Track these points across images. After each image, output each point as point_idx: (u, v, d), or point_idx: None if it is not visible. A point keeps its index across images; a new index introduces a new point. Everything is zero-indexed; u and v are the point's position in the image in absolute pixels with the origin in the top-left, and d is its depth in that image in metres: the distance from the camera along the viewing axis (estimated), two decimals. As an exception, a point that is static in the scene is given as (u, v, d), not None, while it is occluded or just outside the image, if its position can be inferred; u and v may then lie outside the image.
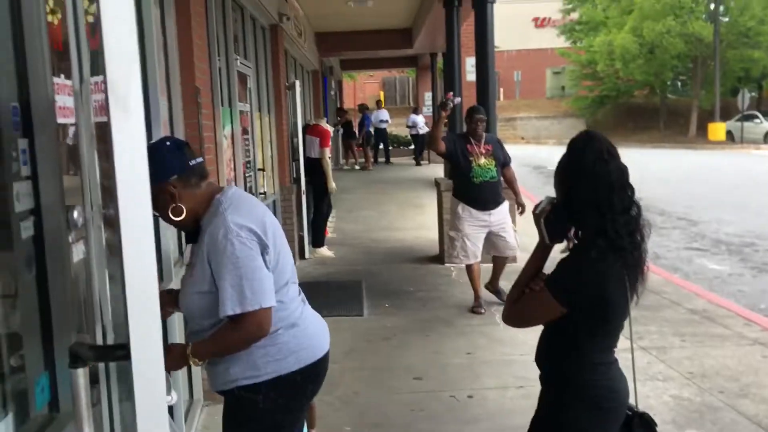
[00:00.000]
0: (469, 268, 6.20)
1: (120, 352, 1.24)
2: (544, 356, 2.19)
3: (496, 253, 6.22)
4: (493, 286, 6.29)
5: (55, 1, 1.93)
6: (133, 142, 1.01)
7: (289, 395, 2.21)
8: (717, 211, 11.73)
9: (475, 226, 6.05)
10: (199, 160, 2.22)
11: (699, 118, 30.51)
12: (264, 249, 2.10)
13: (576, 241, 2.09)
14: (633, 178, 2.16)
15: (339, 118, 19.83)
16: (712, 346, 5.01)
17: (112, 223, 1.52)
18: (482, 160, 5.97)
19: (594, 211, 2.00)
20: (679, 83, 37.74)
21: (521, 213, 6.16)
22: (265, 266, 2.10)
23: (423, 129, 20.25)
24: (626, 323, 2.15)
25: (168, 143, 2.19)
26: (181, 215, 2.11)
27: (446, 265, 7.78)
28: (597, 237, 2.00)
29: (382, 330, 5.60)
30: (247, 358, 2.15)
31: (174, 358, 2.11)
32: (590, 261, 1.99)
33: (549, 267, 2.15)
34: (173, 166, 2.12)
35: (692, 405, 4.04)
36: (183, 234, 3.91)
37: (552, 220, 2.08)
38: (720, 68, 28.92)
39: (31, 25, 1.77)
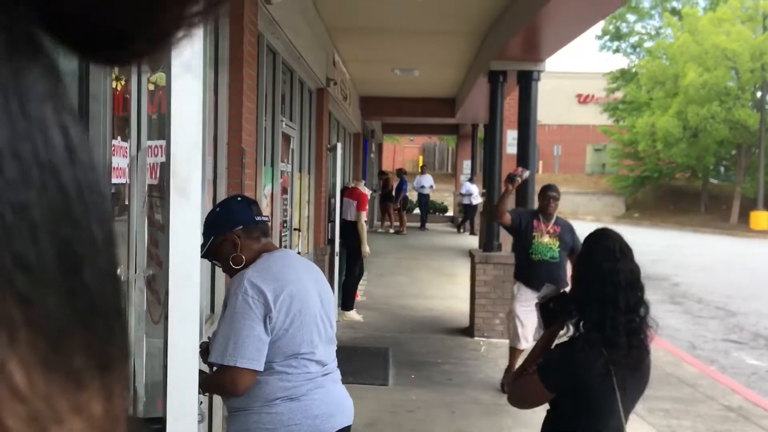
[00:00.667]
0: (512, 349, 5.93)
1: (156, 426, 1.24)
2: None
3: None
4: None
5: (120, 69, 2.03)
6: (189, 226, 1.04)
7: None
8: (757, 303, 11.40)
9: (526, 307, 5.55)
10: (265, 218, 2.42)
11: (741, 204, 30.02)
12: (267, 314, 2.16)
13: (575, 330, 2.17)
14: (671, 263, 2.17)
15: (380, 180, 20.08)
16: (749, 449, 4.80)
17: (152, 287, 1.55)
18: (545, 239, 5.67)
19: (597, 305, 2.08)
20: (722, 168, 37.37)
21: None
22: (264, 331, 2.14)
23: (477, 199, 20.05)
24: (622, 420, 2.17)
25: (239, 198, 2.43)
26: (240, 264, 2.28)
27: (476, 338, 7.67)
28: (592, 330, 2.08)
29: (406, 402, 5.49)
30: (243, 420, 2.22)
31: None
32: (574, 351, 2.10)
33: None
34: (240, 218, 2.32)
35: None
36: (215, 290, 3.96)
37: (550, 308, 2.25)
38: (765, 156, 28.62)
39: (98, 89, 1.85)
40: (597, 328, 2.07)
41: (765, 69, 28.09)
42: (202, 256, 2.35)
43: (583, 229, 4.67)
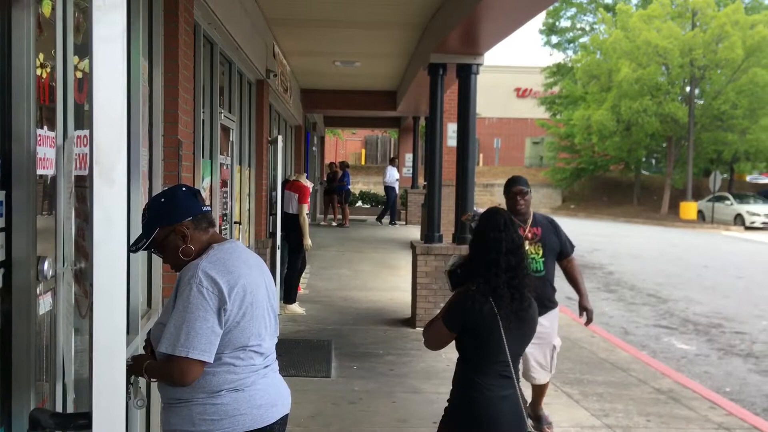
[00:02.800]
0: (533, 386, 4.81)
1: (81, 421, 1.21)
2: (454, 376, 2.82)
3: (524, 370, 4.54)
4: (532, 409, 4.70)
5: (45, 56, 1.95)
6: (114, 213, 1.01)
7: None
8: (686, 290, 11.89)
9: None
10: (209, 207, 2.40)
11: (671, 196, 31.21)
12: (222, 306, 2.16)
13: (470, 286, 2.70)
14: (607, 253, 2.42)
15: (330, 172, 20.00)
16: (677, 429, 5.01)
17: (80, 280, 1.51)
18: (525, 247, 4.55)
19: (485, 266, 2.65)
20: (653, 161, 38.70)
21: (587, 322, 4.70)
22: (218, 323, 2.14)
23: (395, 183, 20.25)
24: (507, 354, 2.66)
25: (184, 189, 2.38)
26: (190, 256, 2.26)
27: (418, 329, 7.74)
28: (481, 284, 2.65)
29: (349, 393, 5.51)
30: (186, 412, 2.20)
31: (137, 364, 2.26)
32: (467, 298, 2.64)
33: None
34: (188, 209, 2.30)
35: (656, 489, 4.01)
36: (152, 284, 3.88)
37: (458, 274, 2.77)
38: (693, 149, 29.78)
39: (21, 78, 1.79)
40: (485, 283, 2.64)
41: (693, 64, 29.19)
42: (145, 248, 2.31)
43: (520, 220, 4.73)
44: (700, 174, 33.67)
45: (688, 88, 30.47)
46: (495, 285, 2.62)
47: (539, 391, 4.76)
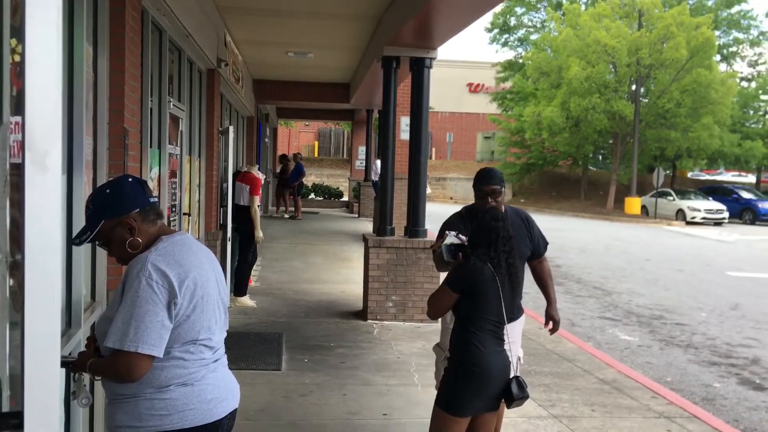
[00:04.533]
0: None
1: (13, 420, 1.16)
2: (452, 336, 3.25)
3: None
4: None
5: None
6: (47, 202, 0.98)
7: None
8: (630, 283, 12.22)
9: None
10: (156, 198, 2.34)
11: (617, 191, 31.99)
12: (172, 300, 2.12)
13: (464, 259, 3.26)
14: (555, 246, 2.54)
15: (281, 164, 19.80)
16: (620, 418, 5.14)
17: (15, 273, 1.45)
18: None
19: (486, 246, 3.18)
20: (600, 157, 39.58)
21: (552, 331, 4.27)
22: (167, 317, 2.10)
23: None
24: (503, 310, 3.15)
25: (130, 180, 2.32)
26: (137, 249, 2.21)
27: (369, 321, 7.76)
28: (482, 256, 3.16)
29: (299, 386, 5.49)
30: (132, 407, 2.15)
31: (81, 361, 2.23)
32: (469, 263, 3.18)
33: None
34: (135, 200, 2.24)
35: (599, 476, 4.11)
36: (96, 277, 3.78)
37: (453, 250, 3.32)
38: (638, 146, 30.57)
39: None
40: (485, 256, 3.16)
41: (640, 63, 29.91)
42: (90, 240, 2.24)
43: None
44: (645, 170, 34.60)
45: (634, 87, 31.23)
46: (494, 257, 3.15)
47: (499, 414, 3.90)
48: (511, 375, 3.18)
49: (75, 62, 3.27)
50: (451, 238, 3.35)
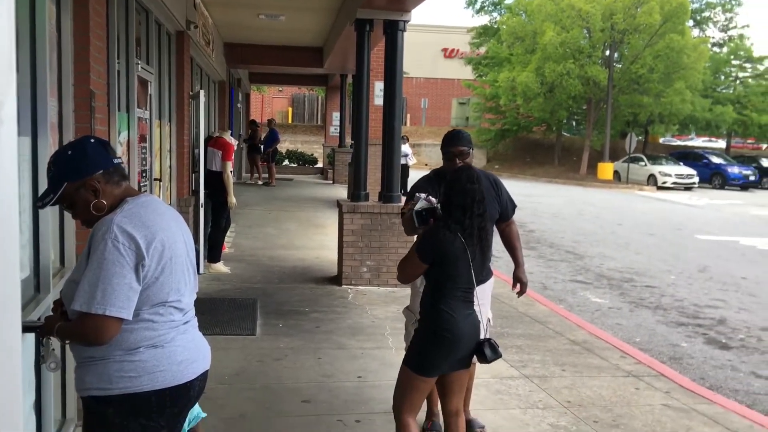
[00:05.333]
0: None
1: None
2: (422, 300, 3.25)
3: None
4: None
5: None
6: (3, 157, 0.94)
7: (143, 414, 2.17)
8: (602, 247, 12.39)
9: None
10: (120, 159, 2.29)
11: (590, 157, 32.27)
12: (139, 262, 2.09)
13: (435, 224, 3.17)
14: (528, 212, 2.45)
15: (249, 130, 19.54)
16: (590, 377, 5.26)
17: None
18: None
19: (461, 210, 3.11)
20: (574, 122, 39.80)
21: (519, 293, 4.36)
22: (135, 279, 2.08)
23: (412, 159, 19.47)
24: (473, 278, 3.13)
25: (92, 140, 2.27)
26: (102, 211, 2.17)
27: (344, 286, 7.78)
28: (455, 223, 3.09)
29: (274, 350, 5.51)
30: (102, 370, 2.14)
31: (48, 325, 2.20)
32: (438, 233, 3.09)
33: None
34: (98, 161, 2.20)
35: (569, 433, 4.21)
36: (64, 241, 3.72)
37: (423, 215, 3.21)
38: (611, 111, 30.77)
39: None
40: (458, 223, 3.09)
41: (614, 28, 29.95)
42: (53, 203, 2.20)
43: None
44: (617, 136, 34.89)
45: (608, 52, 31.29)
46: (467, 226, 3.09)
47: (468, 382, 4.07)
48: (482, 337, 3.20)
49: (37, 20, 3.17)
50: (421, 201, 3.25)
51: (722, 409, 4.72)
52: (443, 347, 3.08)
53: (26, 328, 2.31)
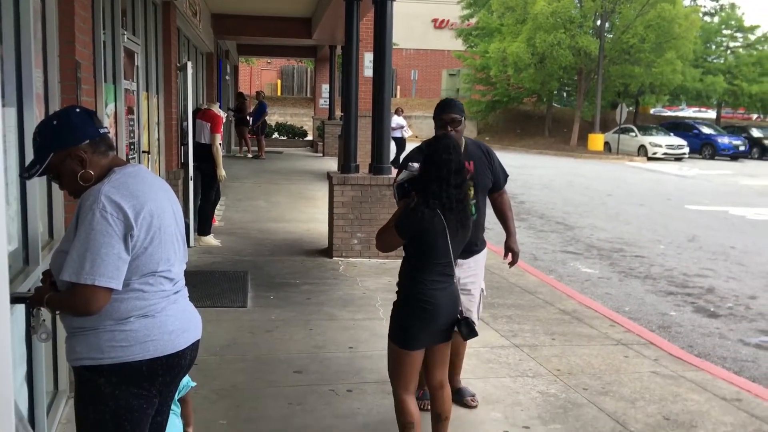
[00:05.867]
0: None
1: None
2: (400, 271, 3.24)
3: None
4: (451, 383, 3.71)
5: None
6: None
7: (134, 383, 2.17)
8: (592, 218, 12.45)
9: None
10: (107, 129, 2.26)
11: (580, 128, 32.24)
12: (128, 232, 2.08)
13: (419, 200, 3.06)
14: (519, 183, 2.48)
15: (237, 102, 19.37)
16: (579, 345, 5.31)
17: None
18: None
19: (437, 183, 3.02)
20: (565, 93, 39.68)
21: (511, 263, 4.42)
22: (124, 249, 2.07)
23: (408, 132, 19.30)
24: (451, 256, 3.09)
25: (77, 110, 2.24)
26: (89, 181, 2.15)
27: (335, 258, 7.79)
28: (431, 199, 3.02)
29: (265, 322, 5.52)
30: (93, 340, 2.13)
31: (37, 296, 2.21)
32: (418, 210, 3.02)
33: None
34: (85, 131, 2.18)
35: (558, 401, 4.27)
36: (53, 213, 3.70)
37: (405, 187, 3.14)
38: (602, 82, 30.68)
39: None
40: (435, 198, 3.02)
41: (605, -2, 29.75)
42: (40, 174, 2.18)
43: (435, 147, 4.68)
44: (608, 107, 34.84)
45: (599, 22, 31.09)
46: (445, 199, 3.02)
47: (459, 351, 4.14)
48: (461, 312, 3.17)
49: (19, -11, 3.11)
50: (404, 173, 3.18)
51: (710, 376, 4.78)
52: (422, 318, 3.07)
53: (16, 299, 2.30)
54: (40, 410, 3.19)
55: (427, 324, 3.09)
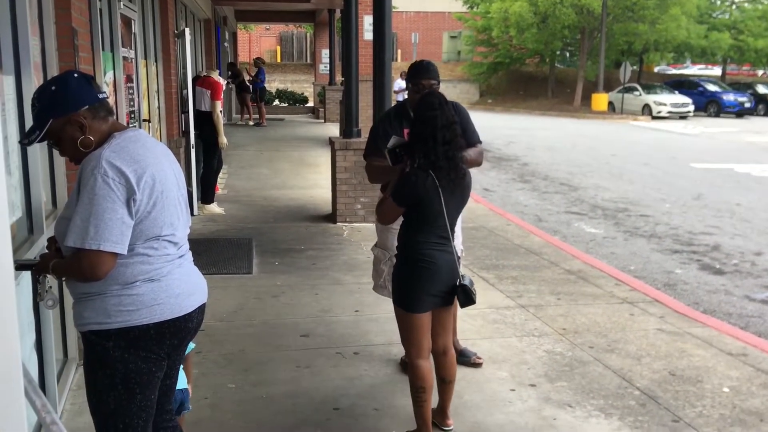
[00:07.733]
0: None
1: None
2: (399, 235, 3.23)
3: None
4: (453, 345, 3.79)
5: None
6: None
7: (142, 347, 2.18)
8: (596, 178, 12.39)
9: None
10: (106, 93, 2.24)
11: (584, 88, 31.89)
12: (130, 196, 2.07)
13: (412, 165, 3.04)
14: (522, 145, 2.39)
15: (230, 73, 19.19)
16: (585, 304, 5.33)
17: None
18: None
19: (424, 141, 2.99)
20: (568, 54, 39.17)
21: None
22: (127, 213, 2.06)
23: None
24: (446, 218, 3.07)
25: (75, 75, 2.21)
26: (90, 147, 2.14)
27: (339, 224, 7.80)
28: (422, 160, 2.99)
29: (271, 288, 5.55)
30: (100, 304, 2.14)
31: (43, 263, 2.21)
32: (411, 176, 3.01)
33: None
34: (84, 97, 2.16)
35: (564, 359, 4.29)
36: (55, 182, 3.69)
37: (397, 153, 3.09)
38: (605, 41, 30.25)
39: None
40: (425, 158, 2.99)
41: (608, -46, 29.16)
42: (39, 140, 2.16)
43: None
44: (612, 66, 34.42)
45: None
46: (434, 158, 2.97)
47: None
48: (461, 278, 3.16)
49: (10, -46, 3.04)
50: (394, 139, 3.14)
51: (716, 332, 4.80)
52: (425, 279, 3.07)
53: (21, 266, 2.30)
54: (50, 377, 3.22)
55: (429, 286, 3.08)
